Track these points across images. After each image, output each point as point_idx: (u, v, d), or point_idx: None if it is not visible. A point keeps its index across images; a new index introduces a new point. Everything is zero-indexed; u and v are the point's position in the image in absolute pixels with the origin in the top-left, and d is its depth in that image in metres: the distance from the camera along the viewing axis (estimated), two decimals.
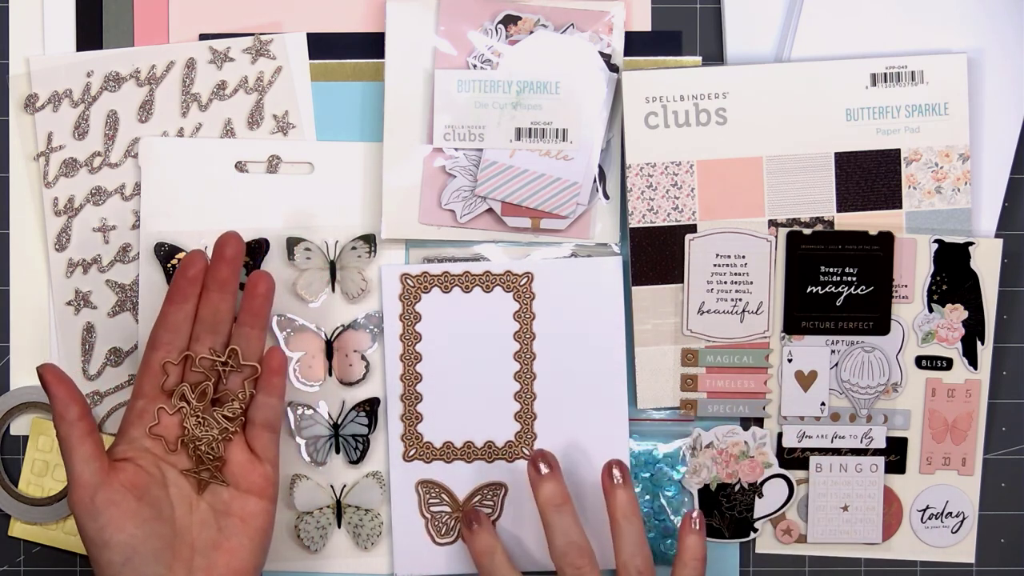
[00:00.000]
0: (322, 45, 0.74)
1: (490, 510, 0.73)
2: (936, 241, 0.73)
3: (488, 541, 0.68)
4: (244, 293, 0.67)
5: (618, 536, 0.67)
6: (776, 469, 0.74)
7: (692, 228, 0.73)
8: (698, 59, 0.74)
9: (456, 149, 0.73)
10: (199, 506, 0.66)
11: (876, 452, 0.74)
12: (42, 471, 0.74)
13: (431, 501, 0.73)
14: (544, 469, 0.67)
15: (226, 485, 0.66)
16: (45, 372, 0.64)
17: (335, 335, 0.74)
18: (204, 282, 0.67)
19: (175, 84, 0.74)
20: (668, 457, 0.73)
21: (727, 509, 0.74)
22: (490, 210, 0.73)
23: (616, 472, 0.67)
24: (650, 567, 0.66)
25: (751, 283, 0.73)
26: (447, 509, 0.73)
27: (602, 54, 0.73)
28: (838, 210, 0.73)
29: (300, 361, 0.74)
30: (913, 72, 0.72)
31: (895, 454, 0.74)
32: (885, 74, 0.72)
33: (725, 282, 0.73)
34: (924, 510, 0.74)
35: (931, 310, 0.73)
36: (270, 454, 0.67)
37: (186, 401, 0.66)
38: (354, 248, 0.74)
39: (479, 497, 0.73)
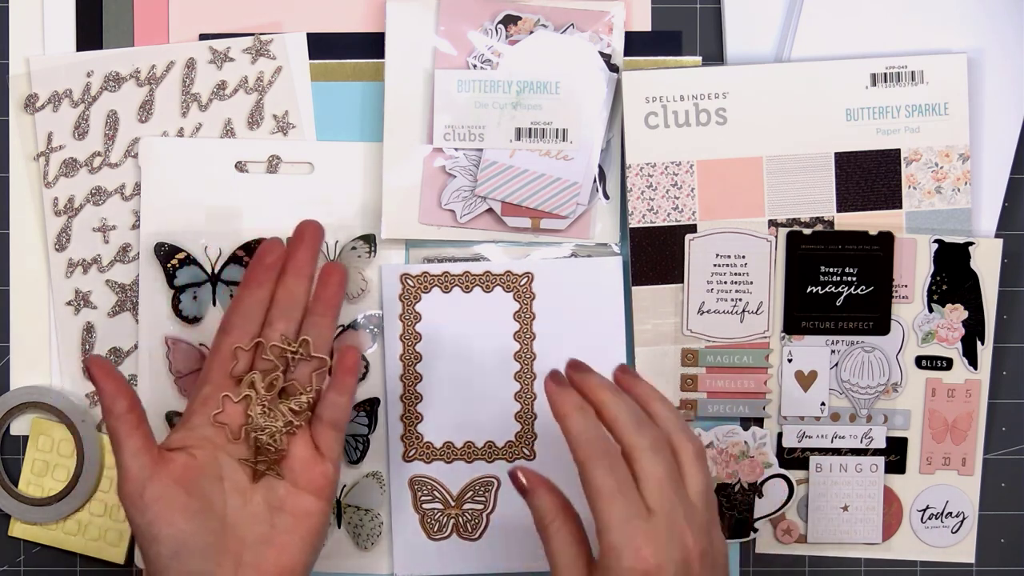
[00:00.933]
0: (322, 45, 0.74)
1: (482, 505, 0.73)
2: (936, 241, 0.73)
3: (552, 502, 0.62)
4: (318, 282, 0.67)
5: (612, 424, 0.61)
6: (776, 469, 0.74)
7: (692, 228, 0.73)
8: (698, 59, 0.74)
9: (456, 149, 0.73)
10: (253, 499, 0.64)
11: (876, 452, 0.74)
12: (42, 471, 0.74)
13: (423, 498, 0.73)
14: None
15: (281, 478, 0.65)
16: (92, 365, 0.63)
17: (335, 335, 0.74)
18: (283, 267, 0.66)
19: (175, 84, 0.74)
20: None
21: (727, 509, 0.74)
22: (490, 210, 0.73)
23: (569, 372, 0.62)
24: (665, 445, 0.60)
25: (751, 283, 0.73)
26: (439, 506, 0.73)
27: (602, 54, 0.73)
28: (838, 210, 0.73)
29: None
30: (913, 72, 0.72)
31: (895, 454, 0.74)
32: (885, 74, 0.72)
33: (725, 282, 0.73)
34: (924, 510, 0.74)
35: (931, 310, 0.73)
36: (333, 453, 0.65)
37: (254, 389, 0.65)
38: (354, 248, 0.74)
39: (471, 492, 0.73)
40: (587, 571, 0.59)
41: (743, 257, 0.73)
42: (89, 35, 0.74)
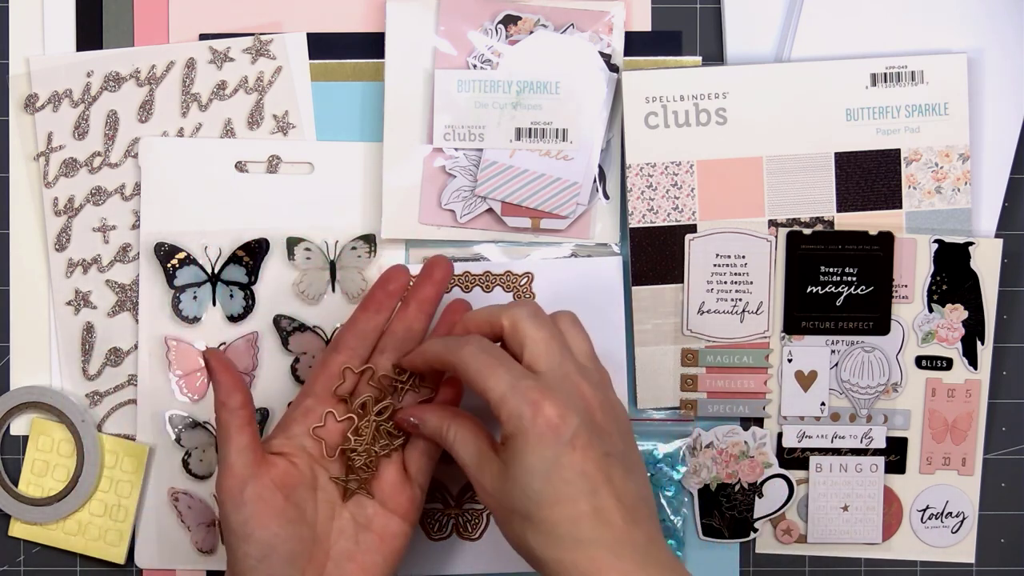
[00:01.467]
0: (322, 45, 0.74)
1: (482, 505, 0.73)
2: (936, 241, 0.73)
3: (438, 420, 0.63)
4: (442, 315, 0.67)
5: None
6: (776, 469, 0.74)
7: (692, 228, 0.73)
8: (698, 59, 0.74)
9: (456, 149, 0.73)
10: (342, 515, 0.64)
11: (876, 452, 0.74)
12: (42, 471, 0.74)
13: None
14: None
15: (371, 497, 0.65)
16: (211, 358, 0.63)
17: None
18: (405, 297, 0.67)
19: (175, 84, 0.74)
20: (668, 457, 0.73)
21: (727, 509, 0.74)
22: (490, 210, 0.73)
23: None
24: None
25: (751, 283, 0.73)
26: (439, 506, 0.73)
27: (602, 54, 0.73)
28: (838, 210, 0.73)
29: (300, 361, 0.74)
30: (913, 72, 0.72)
31: (895, 454, 0.74)
32: (885, 74, 0.72)
33: (725, 282, 0.73)
34: (924, 510, 0.74)
35: (931, 310, 0.73)
36: (422, 479, 0.66)
37: (365, 411, 0.65)
38: (354, 248, 0.74)
39: (471, 492, 0.73)
40: (494, 455, 0.60)
41: (743, 257, 0.73)
42: (89, 35, 0.74)
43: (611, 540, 0.57)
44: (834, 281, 0.73)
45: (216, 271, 0.74)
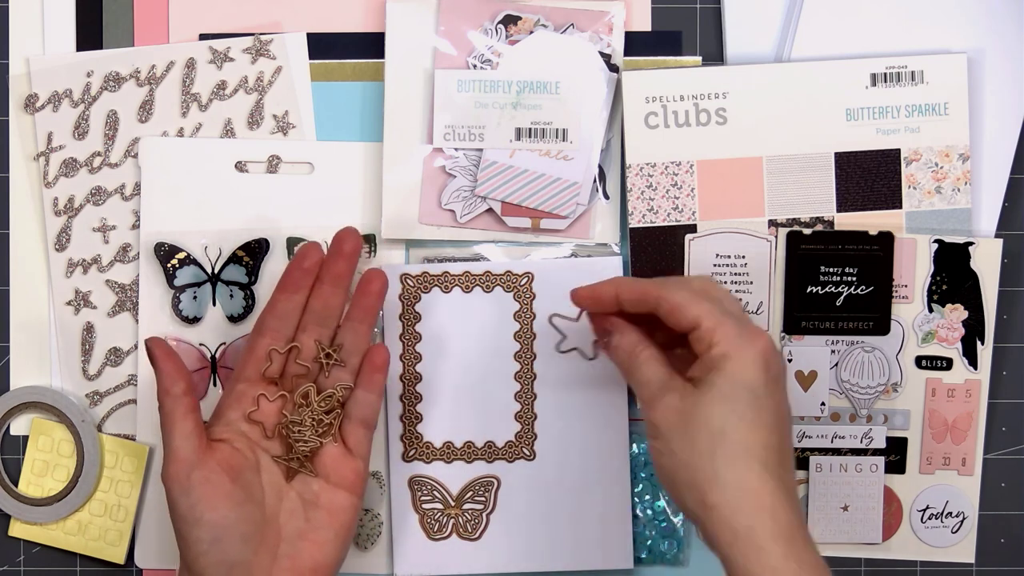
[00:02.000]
0: (322, 45, 0.74)
1: (482, 505, 0.73)
2: (936, 241, 0.73)
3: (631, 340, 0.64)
4: (357, 289, 0.68)
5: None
6: None
7: (692, 228, 0.73)
8: (698, 59, 0.74)
9: (456, 149, 0.73)
10: (288, 494, 0.65)
11: (876, 452, 0.74)
12: (42, 471, 0.74)
13: (423, 498, 0.73)
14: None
15: (314, 475, 0.66)
16: (154, 345, 0.64)
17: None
18: (319, 274, 0.67)
19: (175, 84, 0.74)
20: None
21: None
22: (490, 210, 0.73)
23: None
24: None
25: (751, 283, 0.73)
26: (439, 506, 0.73)
27: (602, 54, 0.73)
28: (838, 210, 0.73)
29: None
30: (913, 72, 0.72)
31: (895, 454, 0.74)
32: (885, 74, 0.72)
33: (725, 282, 0.73)
34: (924, 510, 0.74)
35: (931, 310, 0.73)
36: (363, 450, 0.67)
37: (307, 400, 0.66)
38: None
39: (471, 492, 0.73)
40: (679, 385, 0.60)
41: (743, 257, 0.73)
42: (89, 35, 0.74)
43: (778, 478, 0.58)
44: (834, 281, 0.73)
45: (216, 271, 0.74)
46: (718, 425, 0.58)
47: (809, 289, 0.73)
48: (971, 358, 0.73)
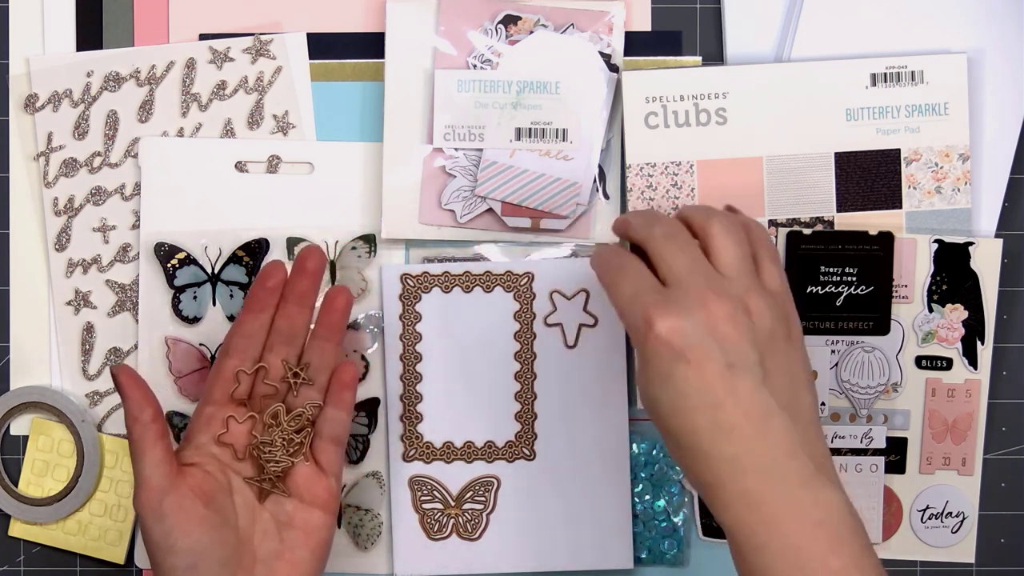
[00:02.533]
0: (322, 45, 0.74)
1: (482, 505, 0.73)
2: (936, 241, 0.73)
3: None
4: (322, 307, 0.67)
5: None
6: None
7: None
8: (698, 59, 0.74)
9: (456, 149, 0.73)
10: (262, 516, 0.65)
11: (876, 452, 0.74)
12: (42, 471, 0.74)
13: (423, 498, 0.73)
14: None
15: (287, 495, 0.65)
16: (120, 373, 0.63)
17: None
18: (283, 293, 0.66)
19: (175, 84, 0.74)
20: (668, 457, 0.73)
21: None
22: (490, 210, 0.73)
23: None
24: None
25: None
26: (439, 506, 0.73)
27: (602, 54, 0.73)
28: (838, 210, 0.73)
29: None
30: (913, 72, 0.72)
31: (895, 454, 0.74)
32: (885, 74, 0.72)
33: None
34: (924, 510, 0.74)
35: (931, 310, 0.73)
36: (335, 468, 0.66)
37: (276, 420, 0.65)
38: (354, 248, 0.74)
39: (471, 492, 0.73)
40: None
41: None
42: (89, 35, 0.74)
43: (732, 455, 0.55)
44: (834, 281, 0.73)
45: (216, 271, 0.74)
46: (652, 405, 0.58)
47: (809, 289, 0.73)
48: (971, 358, 0.73)
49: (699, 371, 0.56)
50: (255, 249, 0.73)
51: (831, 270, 0.72)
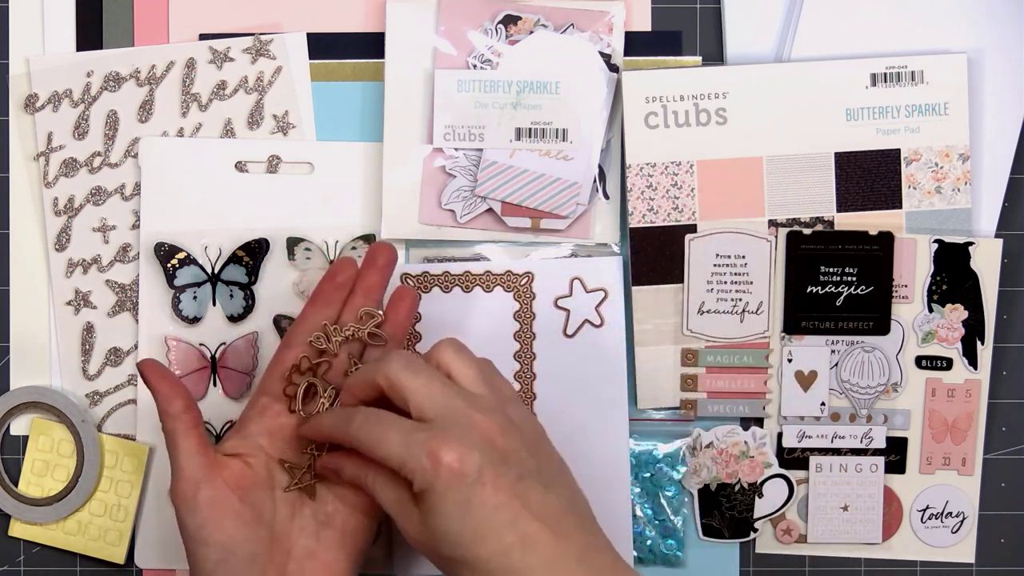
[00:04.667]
0: (322, 45, 0.74)
1: None
2: (936, 241, 0.73)
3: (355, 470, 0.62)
4: (389, 304, 0.67)
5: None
6: (776, 469, 0.74)
7: (692, 228, 0.73)
8: (698, 59, 0.74)
9: (456, 149, 0.73)
10: (302, 512, 0.64)
11: (876, 452, 0.74)
12: (42, 471, 0.74)
13: None
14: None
15: (318, 481, 0.64)
16: (145, 368, 0.63)
17: None
18: (353, 288, 0.66)
19: (175, 84, 0.74)
20: (668, 457, 0.73)
21: (727, 509, 0.74)
22: (490, 210, 0.73)
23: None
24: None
25: (751, 283, 0.73)
26: None
27: (602, 54, 0.73)
28: (838, 210, 0.73)
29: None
30: (913, 72, 0.72)
31: (895, 454, 0.74)
32: (885, 74, 0.72)
33: (725, 282, 0.73)
34: (924, 510, 0.74)
35: (931, 310, 0.73)
36: None
37: (317, 390, 0.65)
38: (354, 248, 0.74)
39: None
40: (414, 504, 0.59)
41: (743, 257, 0.73)
42: (89, 35, 0.74)
43: (543, 563, 0.56)
44: (834, 281, 0.73)
45: (216, 271, 0.74)
46: (454, 545, 0.57)
47: (809, 289, 0.73)
48: (971, 358, 0.73)
49: (495, 490, 0.56)
50: (255, 249, 0.74)
51: (831, 270, 0.72)
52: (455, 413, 0.58)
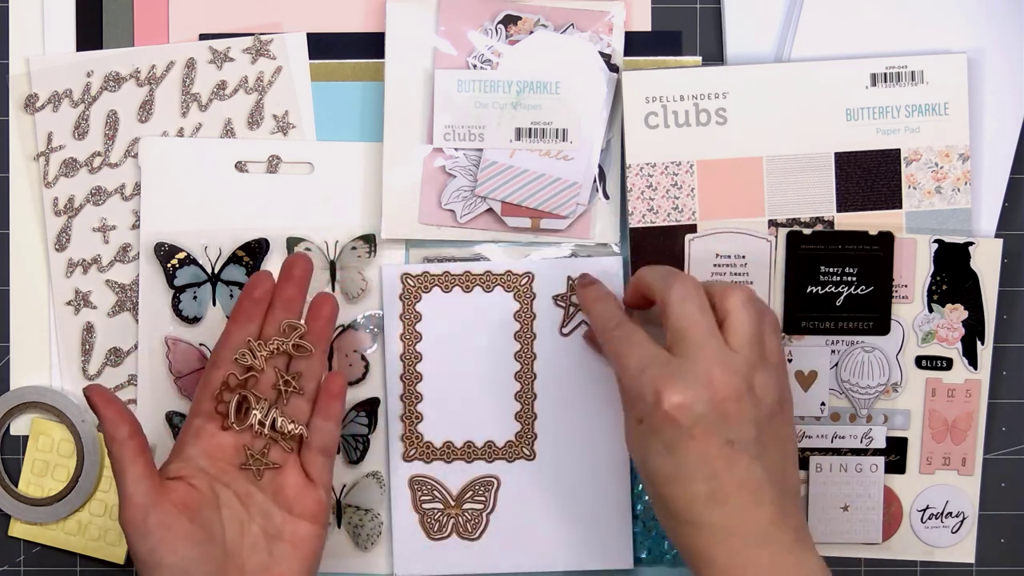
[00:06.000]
0: (322, 45, 0.74)
1: (482, 505, 0.73)
2: (936, 241, 0.73)
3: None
4: (308, 314, 0.67)
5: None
6: None
7: (692, 228, 0.73)
8: (698, 59, 0.74)
9: (456, 149, 0.73)
10: (251, 529, 0.64)
11: (876, 452, 0.74)
12: (42, 471, 0.74)
13: (423, 498, 0.73)
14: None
15: (279, 467, 0.65)
16: (92, 394, 0.63)
17: (335, 335, 0.74)
18: (271, 301, 0.67)
19: (175, 84, 0.74)
20: None
21: None
22: (490, 210, 0.73)
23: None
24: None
25: (751, 283, 0.73)
26: (439, 506, 0.73)
27: (602, 54, 0.73)
28: (838, 210, 0.73)
29: None
30: (913, 72, 0.72)
31: (895, 454, 0.74)
32: (885, 74, 0.72)
33: None
34: (924, 510, 0.74)
35: (931, 310, 0.73)
36: (324, 479, 0.66)
37: (254, 415, 0.65)
38: (354, 248, 0.74)
39: (471, 492, 0.73)
40: (637, 421, 0.62)
41: (743, 257, 0.73)
42: (89, 35, 0.74)
43: (723, 523, 0.58)
44: (834, 281, 0.73)
45: (216, 271, 0.74)
46: (651, 472, 0.61)
47: (809, 289, 0.73)
48: (971, 358, 0.73)
49: (702, 446, 0.59)
50: (255, 249, 0.73)
51: (831, 270, 0.72)
52: (700, 362, 0.60)
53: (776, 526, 0.59)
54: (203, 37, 0.74)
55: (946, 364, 0.73)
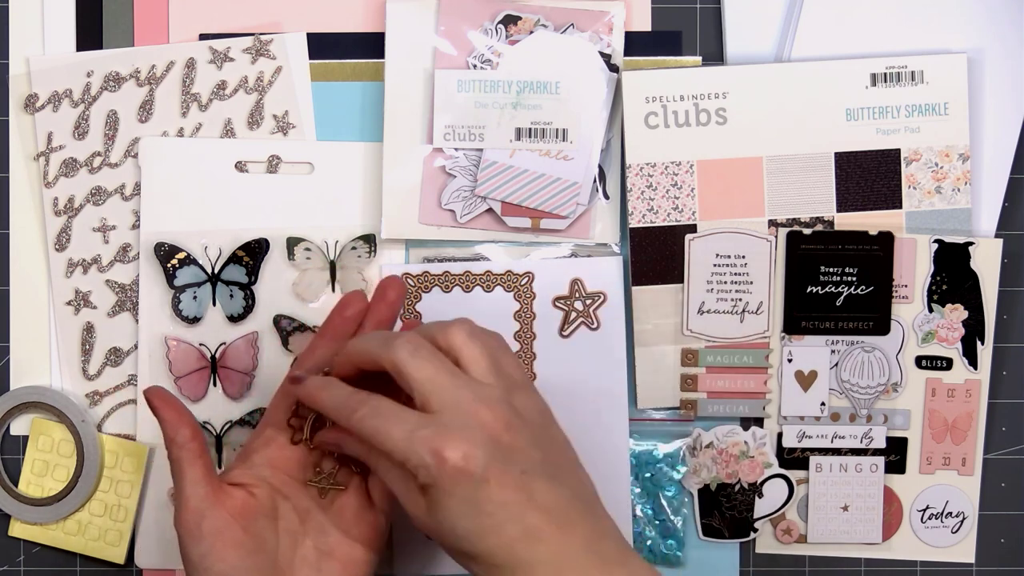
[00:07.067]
0: (322, 45, 0.74)
1: None
2: (936, 241, 0.73)
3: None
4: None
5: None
6: (776, 469, 0.74)
7: (692, 228, 0.73)
8: (698, 59, 0.74)
9: (456, 149, 0.73)
10: (304, 543, 0.63)
11: (876, 452, 0.74)
12: (42, 471, 0.74)
13: None
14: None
15: (343, 489, 0.64)
16: (152, 396, 0.63)
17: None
18: (362, 322, 0.66)
19: (175, 84, 0.74)
20: (668, 457, 0.73)
21: (727, 509, 0.74)
22: (490, 210, 0.73)
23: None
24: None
25: (751, 283, 0.73)
26: None
27: (602, 54, 0.73)
28: (838, 210, 0.73)
29: None
30: (913, 72, 0.72)
31: (895, 454, 0.74)
32: (885, 74, 0.72)
33: (725, 282, 0.73)
34: (924, 510, 0.74)
35: (931, 310, 0.73)
36: (386, 505, 0.64)
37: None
38: (354, 248, 0.74)
39: None
40: (420, 492, 0.58)
41: (743, 257, 0.73)
42: (89, 35, 0.74)
43: (548, 555, 0.56)
44: (834, 281, 0.73)
45: (216, 271, 0.74)
46: (460, 538, 0.57)
47: (809, 289, 0.73)
48: (971, 358, 0.73)
49: (499, 487, 0.56)
50: (255, 249, 0.74)
51: (831, 270, 0.72)
52: (460, 407, 0.57)
53: (600, 540, 0.57)
54: (203, 37, 0.74)
55: (946, 364, 0.73)
